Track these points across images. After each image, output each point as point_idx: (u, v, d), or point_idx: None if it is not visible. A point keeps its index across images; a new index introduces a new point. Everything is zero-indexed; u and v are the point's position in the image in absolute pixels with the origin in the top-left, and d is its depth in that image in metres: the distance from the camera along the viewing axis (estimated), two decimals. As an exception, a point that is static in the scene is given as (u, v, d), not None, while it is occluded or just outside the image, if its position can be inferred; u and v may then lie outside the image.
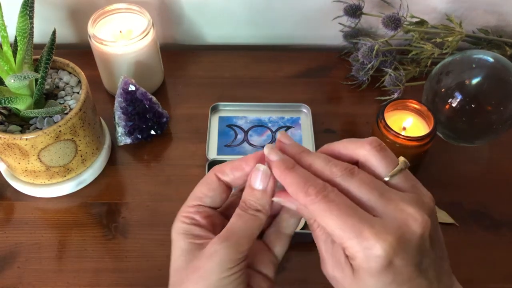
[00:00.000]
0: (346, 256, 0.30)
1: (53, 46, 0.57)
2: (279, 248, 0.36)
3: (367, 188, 0.30)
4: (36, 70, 0.57)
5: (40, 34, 0.62)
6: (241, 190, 0.37)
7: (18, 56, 0.53)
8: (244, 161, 0.34)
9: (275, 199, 0.33)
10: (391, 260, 0.28)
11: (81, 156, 0.61)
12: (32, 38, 0.55)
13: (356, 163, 0.33)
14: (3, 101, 0.51)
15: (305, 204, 0.30)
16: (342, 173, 0.31)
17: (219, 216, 0.36)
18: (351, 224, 0.29)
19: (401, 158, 0.32)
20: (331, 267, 0.31)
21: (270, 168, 0.32)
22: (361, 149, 0.32)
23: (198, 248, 0.32)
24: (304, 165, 0.32)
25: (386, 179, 0.31)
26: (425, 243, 0.29)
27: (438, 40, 0.69)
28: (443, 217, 0.58)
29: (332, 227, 0.29)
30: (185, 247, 0.33)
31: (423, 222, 0.29)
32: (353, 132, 0.70)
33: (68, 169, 0.60)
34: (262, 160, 0.34)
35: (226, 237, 0.31)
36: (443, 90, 0.62)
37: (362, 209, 0.30)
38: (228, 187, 0.35)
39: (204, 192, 0.35)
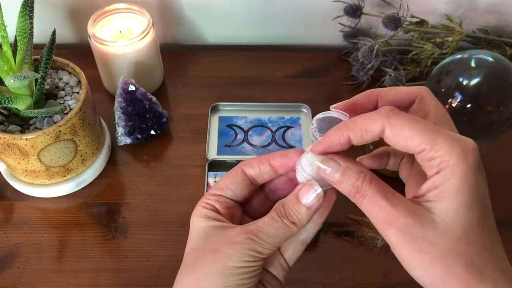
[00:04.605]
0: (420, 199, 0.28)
1: (53, 46, 0.57)
2: (291, 253, 0.35)
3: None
4: (36, 70, 0.57)
5: (40, 34, 0.62)
6: (261, 186, 0.37)
7: (18, 56, 0.53)
8: (270, 156, 0.34)
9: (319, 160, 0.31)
10: (479, 159, 0.27)
11: (81, 156, 0.61)
12: (32, 38, 0.55)
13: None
14: (3, 101, 0.51)
15: (381, 120, 0.28)
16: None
17: (239, 209, 0.36)
18: (432, 127, 0.28)
19: None
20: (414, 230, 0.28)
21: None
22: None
23: (218, 230, 0.33)
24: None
25: None
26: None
27: (438, 40, 0.69)
28: None
29: (415, 134, 0.28)
30: (204, 228, 0.33)
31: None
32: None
33: (68, 169, 0.60)
34: (287, 158, 0.34)
35: (254, 233, 0.31)
36: (443, 90, 0.62)
37: None
38: (252, 183, 0.35)
39: (227, 184, 0.35)
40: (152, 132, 0.67)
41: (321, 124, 0.33)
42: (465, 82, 0.60)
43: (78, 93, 0.60)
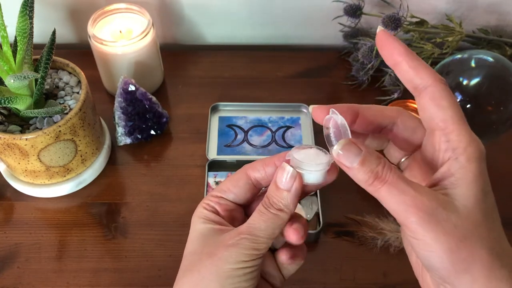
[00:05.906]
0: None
1: (53, 46, 0.57)
2: (285, 271, 0.36)
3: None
4: (36, 70, 0.57)
5: (40, 34, 0.62)
6: (265, 193, 0.37)
7: (18, 56, 0.53)
8: (276, 157, 0.34)
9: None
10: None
11: (81, 156, 0.61)
12: (32, 38, 0.55)
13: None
14: (3, 101, 0.51)
15: (418, 87, 0.29)
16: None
17: (240, 211, 0.36)
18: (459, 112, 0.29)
19: None
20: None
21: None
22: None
23: (216, 233, 0.33)
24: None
25: None
26: None
27: (438, 40, 0.69)
28: None
29: (450, 106, 0.29)
30: (203, 230, 0.33)
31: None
32: (353, 132, 0.70)
33: (68, 169, 0.60)
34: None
35: (246, 232, 0.32)
36: (443, 90, 0.62)
37: None
38: (256, 187, 0.35)
39: (229, 187, 0.35)
40: (152, 132, 0.67)
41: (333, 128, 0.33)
42: (465, 82, 0.60)
43: (78, 93, 0.60)
